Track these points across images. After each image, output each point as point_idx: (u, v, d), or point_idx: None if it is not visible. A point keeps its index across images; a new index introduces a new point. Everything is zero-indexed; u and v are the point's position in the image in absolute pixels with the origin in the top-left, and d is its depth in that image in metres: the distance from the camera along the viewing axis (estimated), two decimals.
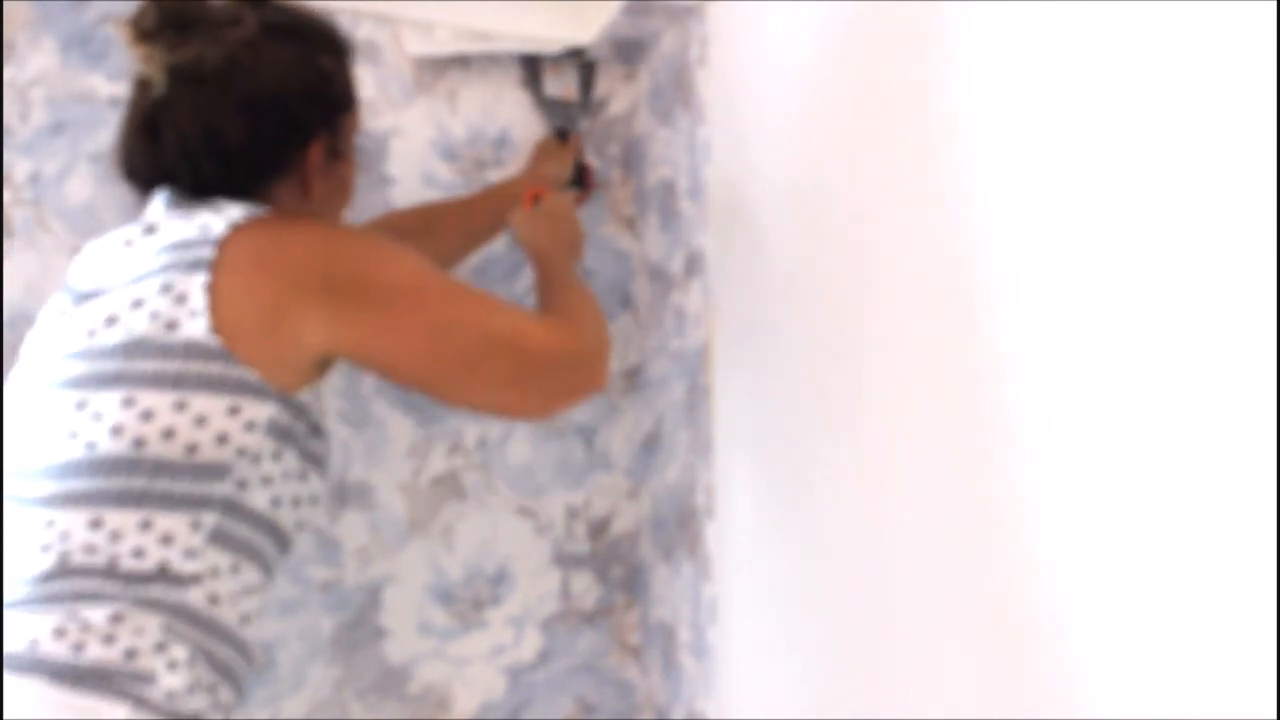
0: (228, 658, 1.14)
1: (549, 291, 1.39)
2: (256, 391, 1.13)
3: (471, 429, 1.76)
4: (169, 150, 1.22)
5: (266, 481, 1.15)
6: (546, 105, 1.81)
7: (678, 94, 1.66)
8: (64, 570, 1.08)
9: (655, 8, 1.63)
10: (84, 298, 1.19)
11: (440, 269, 1.27)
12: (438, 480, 1.75)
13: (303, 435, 1.19)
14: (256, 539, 1.16)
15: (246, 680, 1.19)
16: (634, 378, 1.81)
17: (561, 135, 1.79)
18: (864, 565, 1.13)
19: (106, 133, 1.70)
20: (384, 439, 1.73)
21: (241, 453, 1.12)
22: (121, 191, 1.69)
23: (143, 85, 1.24)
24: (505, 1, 1.74)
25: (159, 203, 1.24)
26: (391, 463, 1.73)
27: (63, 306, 1.21)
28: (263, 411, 1.13)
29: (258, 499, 1.15)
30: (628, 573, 1.79)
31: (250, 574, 1.16)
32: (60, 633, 1.05)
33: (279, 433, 1.15)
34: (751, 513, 1.41)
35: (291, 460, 1.17)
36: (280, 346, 1.15)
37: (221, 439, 1.11)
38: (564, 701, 1.75)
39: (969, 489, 0.96)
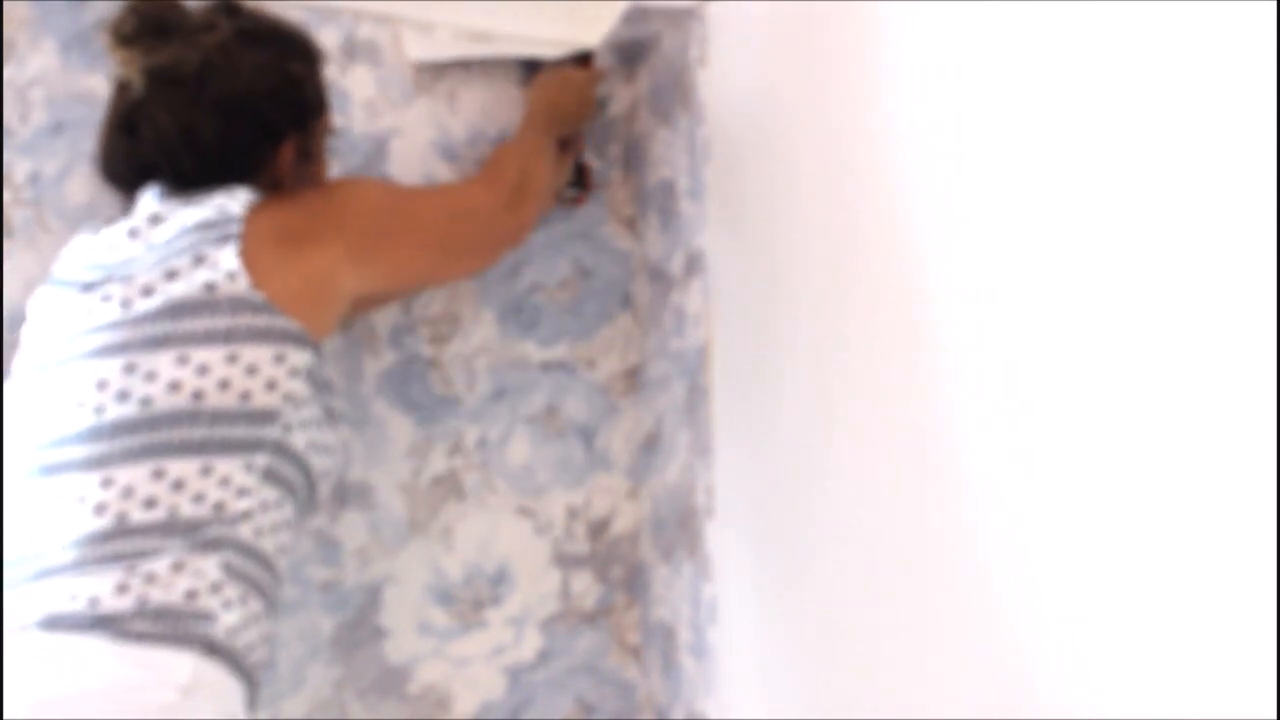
0: (268, 585, 1.22)
1: (506, 146, 1.58)
2: (297, 340, 1.23)
3: (471, 429, 1.76)
4: (147, 147, 1.30)
5: (304, 425, 1.25)
6: None
7: (678, 94, 1.66)
8: (123, 530, 1.12)
9: (655, 8, 1.63)
10: (90, 286, 1.23)
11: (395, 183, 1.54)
12: (438, 480, 1.75)
13: (325, 385, 1.29)
14: (296, 479, 1.26)
15: (279, 608, 1.28)
16: (634, 378, 1.81)
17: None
18: (864, 565, 1.13)
19: None
20: (384, 439, 1.73)
21: (288, 398, 1.22)
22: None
23: (122, 87, 1.33)
24: (507, 2, 1.74)
25: (151, 196, 1.30)
26: (391, 463, 1.73)
27: (62, 296, 1.25)
28: (302, 359, 1.23)
29: (299, 440, 1.24)
30: (628, 573, 1.79)
31: (289, 509, 1.25)
32: (123, 588, 1.10)
33: (314, 379, 1.26)
34: (751, 513, 1.41)
35: (318, 407, 1.27)
36: (317, 298, 1.27)
37: (270, 385, 1.21)
38: (564, 701, 1.75)
39: (969, 489, 0.96)
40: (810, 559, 1.25)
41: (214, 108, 1.29)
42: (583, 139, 1.80)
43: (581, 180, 1.78)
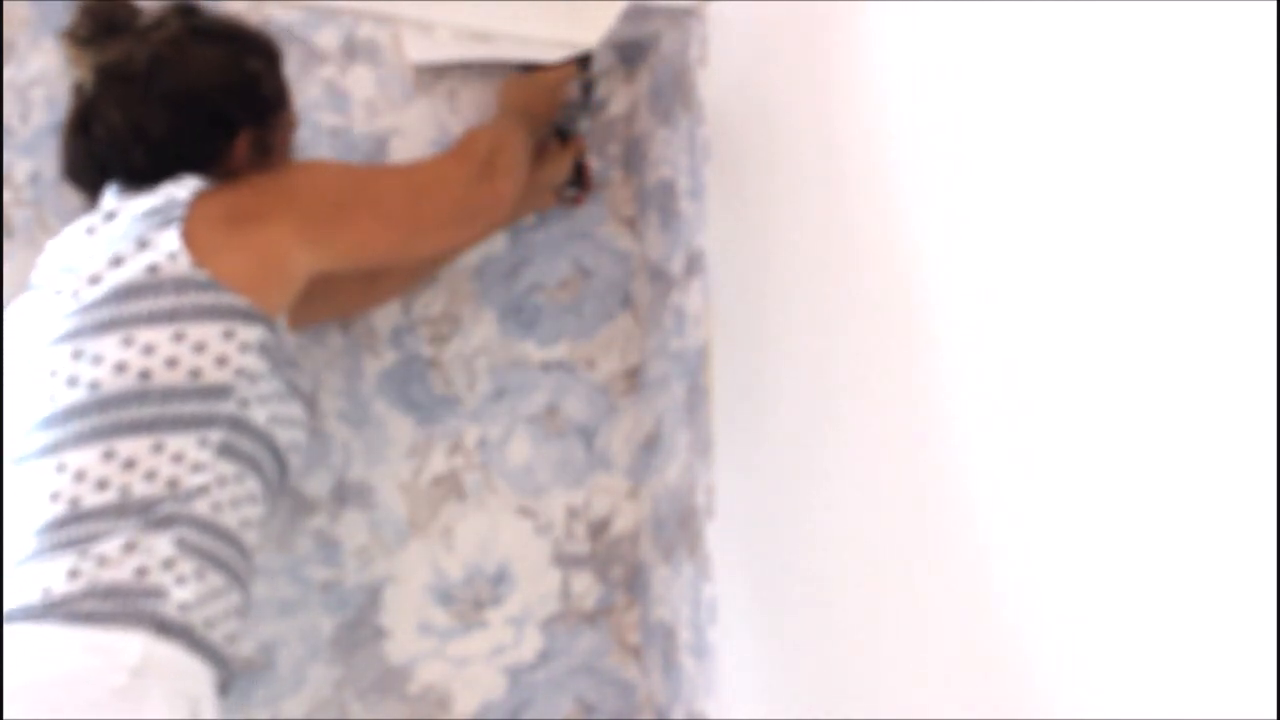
0: (231, 559, 1.20)
1: (473, 127, 1.59)
2: (246, 315, 1.23)
3: (472, 429, 1.76)
4: (99, 144, 1.32)
5: (263, 400, 1.25)
6: None
7: (678, 94, 1.66)
8: (76, 515, 1.13)
9: (655, 8, 1.63)
10: (54, 285, 1.27)
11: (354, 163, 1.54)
12: (438, 480, 1.74)
13: (285, 360, 1.28)
14: (259, 453, 1.25)
15: (250, 584, 1.27)
16: (634, 378, 1.81)
17: (562, 135, 1.79)
18: (864, 565, 1.13)
19: None
20: (384, 439, 1.73)
21: (240, 372, 1.21)
22: None
23: (77, 89, 1.34)
24: (507, 2, 1.74)
25: (110, 194, 1.32)
26: (391, 463, 1.73)
27: (34, 299, 1.29)
28: (253, 334, 1.23)
29: (258, 415, 1.24)
30: (628, 573, 1.79)
31: (252, 484, 1.24)
32: (74, 574, 1.10)
33: (269, 353, 1.25)
34: (751, 513, 1.41)
35: (279, 381, 1.27)
36: (267, 274, 1.26)
37: (221, 361, 1.20)
38: (564, 701, 1.75)
39: (967, 488, 0.96)
40: (810, 559, 1.25)
41: (163, 102, 1.31)
42: (583, 138, 1.80)
43: (581, 180, 1.78)
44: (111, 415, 1.16)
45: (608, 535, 1.79)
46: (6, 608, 1.08)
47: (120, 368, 1.17)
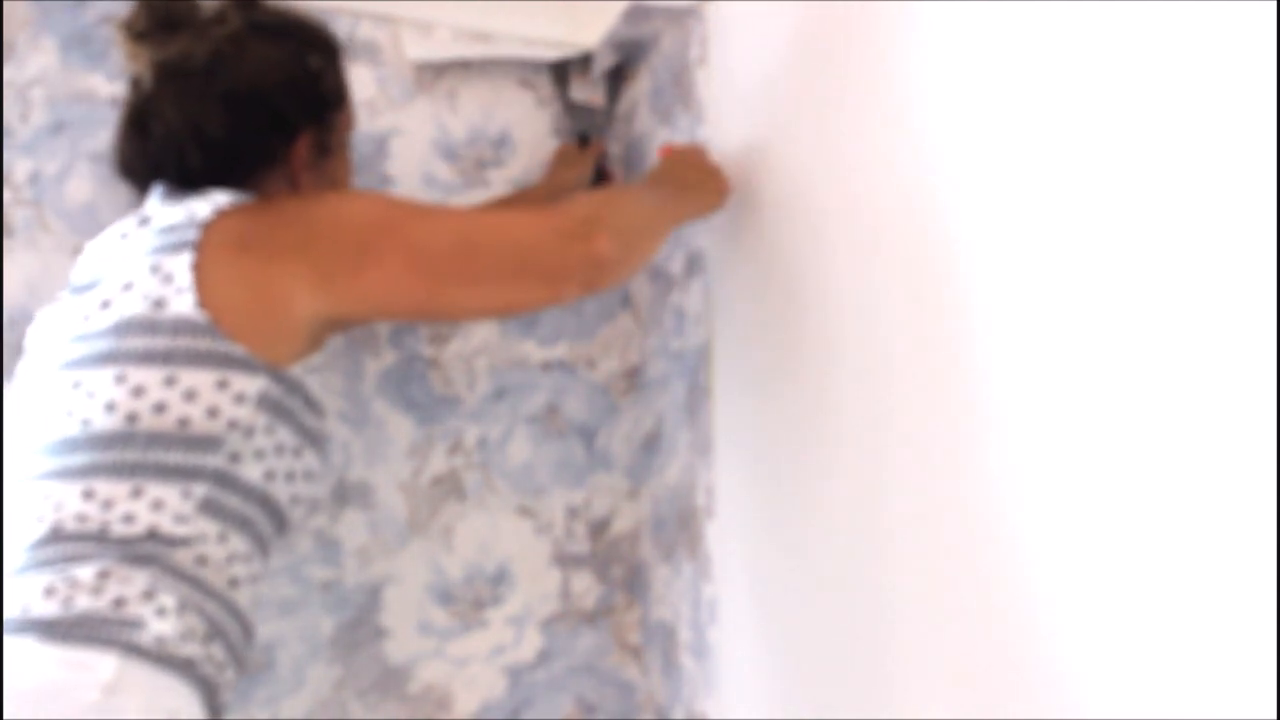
0: (217, 615, 1.14)
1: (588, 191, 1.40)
2: (244, 365, 1.15)
3: (472, 429, 1.76)
4: (156, 143, 1.27)
5: (259, 455, 1.17)
6: (570, 109, 1.81)
7: (678, 94, 1.66)
8: (56, 537, 1.10)
9: (655, 8, 1.63)
10: (80, 290, 1.24)
11: (409, 199, 1.29)
12: (438, 480, 1.75)
13: (299, 409, 1.21)
14: (248, 510, 1.18)
15: (243, 649, 1.19)
16: (634, 378, 1.81)
17: (583, 140, 1.79)
18: (863, 565, 1.13)
19: (106, 133, 1.70)
20: (384, 439, 1.73)
21: (233, 425, 1.15)
22: (122, 191, 1.70)
23: (134, 84, 1.29)
24: (507, 1, 1.74)
25: (154, 197, 1.27)
26: (391, 463, 1.73)
27: (64, 299, 1.26)
28: (252, 385, 1.16)
29: (250, 471, 1.17)
30: (628, 573, 1.79)
31: (238, 543, 1.17)
32: (50, 591, 1.07)
33: (271, 406, 1.17)
34: (751, 513, 1.41)
35: (286, 434, 1.20)
36: (270, 320, 1.18)
37: (212, 412, 1.14)
38: (564, 701, 1.75)
39: (968, 488, 0.96)
40: (810, 559, 1.25)
41: (223, 100, 1.25)
42: (603, 142, 1.80)
43: (602, 184, 1.79)
44: (96, 455, 1.12)
45: (608, 535, 1.79)
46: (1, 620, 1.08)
47: (110, 407, 1.13)
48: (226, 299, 1.16)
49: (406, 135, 1.76)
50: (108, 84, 1.69)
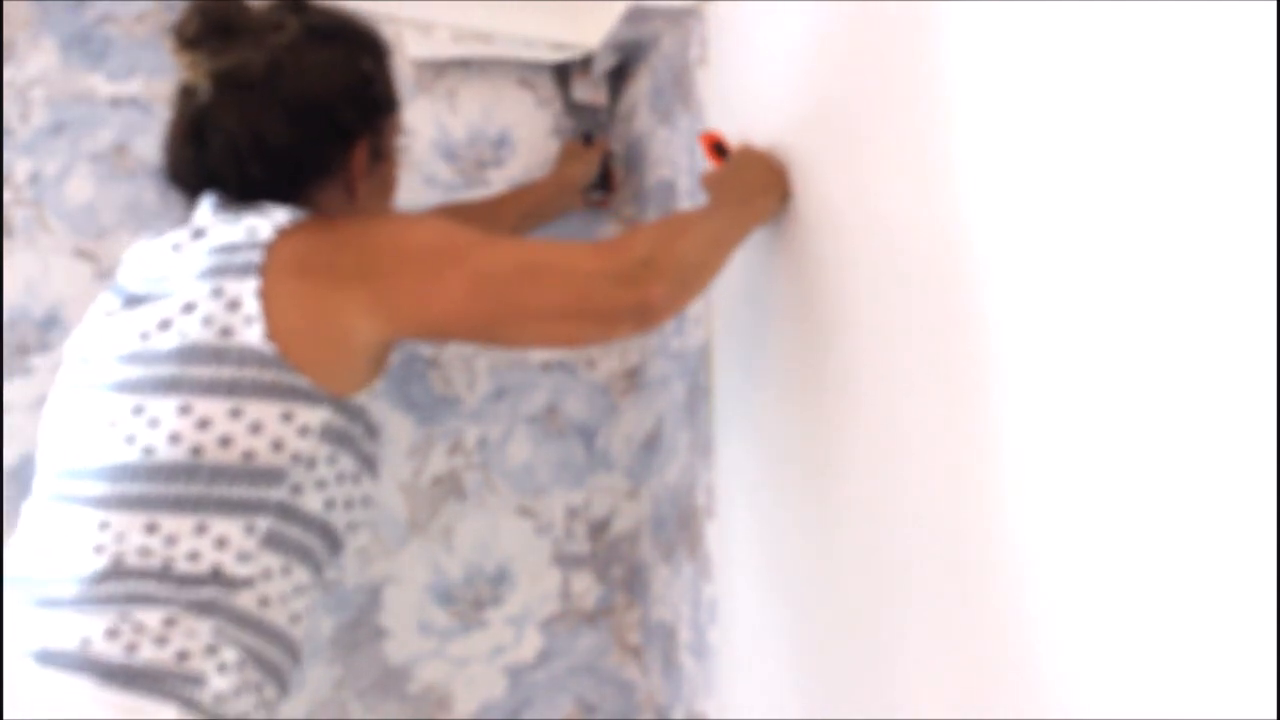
0: (275, 658, 1.16)
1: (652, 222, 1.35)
2: (308, 397, 1.15)
3: (471, 429, 1.76)
4: (216, 155, 1.23)
5: (321, 485, 1.17)
6: (573, 109, 1.82)
7: (678, 94, 1.66)
8: (118, 571, 1.09)
9: (655, 8, 1.63)
10: (133, 301, 1.20)
11: (463, 226, 1.26)
12: (438, 480, 1.75)
13: (359, 437, 1.21)
14: (308, 540, 1.18)
15: (291, 677, 1.21)
16: (634, 378, 1.81)
17: (587, 138, 1.80)
18: (864, 564, 1.13)
19: (106, 133, 1.70)
20: (384, 439, 1.73)
21: (296, 458, 1.14)
22: (122, 191, 1.70)
23: (187, 92, 1.25)
24: (507, 1, 1.74)
25: (206, 207, 1.25)
26: (391, 463, 1.73)
27: (110, 307, 1.22)
28: (316, 416, 1.15)
29: (311, 502, 1.17)
30: (628, 573, 1.79)
31: (300, 574, 1.18)
32: (113, 634, 1.06)
33: (334, 436, 1.17)
34: (751, 513, 1.41)
35: (347, 463, 1.20)
36: (332, 350, 1.17)
37: (277, 445, 1.13)
38: (564, 701, 1.76)
39: (967, 488, 0.96)
40: (810, 559, 1.25)
41: (285, 110, 1.22)
42: (608, 141, 1.80)
43: (607, 182, 1.79)
44: (159, 486, 1.11)
45: (608, 535, 1.79)
46: (38, 646, 1.06)
47: (175, 438, 1.12)
48: (292, 329, 1.14)
49: (407, 135, 1.76)
50: (108, 84, 1.69)
